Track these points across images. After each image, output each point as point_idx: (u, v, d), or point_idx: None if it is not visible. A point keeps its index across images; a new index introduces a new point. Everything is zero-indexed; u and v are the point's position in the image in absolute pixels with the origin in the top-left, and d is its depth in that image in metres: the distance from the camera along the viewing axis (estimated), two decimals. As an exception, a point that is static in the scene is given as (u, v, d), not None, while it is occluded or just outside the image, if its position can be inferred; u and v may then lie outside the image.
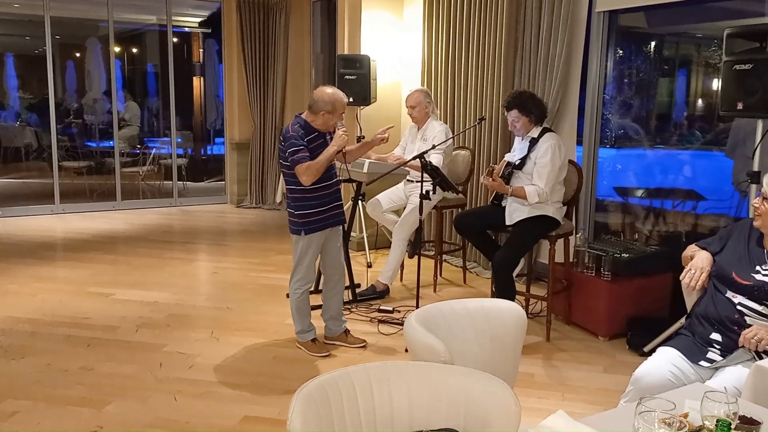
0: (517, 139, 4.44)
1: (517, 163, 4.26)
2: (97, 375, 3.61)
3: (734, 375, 2.37)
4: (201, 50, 11.45)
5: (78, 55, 11.29)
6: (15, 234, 6.95)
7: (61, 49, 10.62)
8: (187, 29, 11.17)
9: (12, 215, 7.70)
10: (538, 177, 4.13)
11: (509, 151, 4.61)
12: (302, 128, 3.73)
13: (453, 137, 5.12)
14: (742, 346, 2.40)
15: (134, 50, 12.05)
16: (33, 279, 5.36)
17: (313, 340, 4.00)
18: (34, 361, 3.78)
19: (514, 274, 4.29)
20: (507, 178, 4.27)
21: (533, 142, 4.22)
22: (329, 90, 3.78)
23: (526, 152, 4.24)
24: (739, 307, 2.49)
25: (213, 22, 10.25)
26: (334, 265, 4.05)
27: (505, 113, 4.33)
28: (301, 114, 3.83)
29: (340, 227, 4.05)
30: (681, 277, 2.72)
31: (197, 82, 11.37)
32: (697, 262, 2.67)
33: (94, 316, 4.51)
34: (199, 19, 10.88)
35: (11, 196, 8.58)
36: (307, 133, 3.72)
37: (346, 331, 4.16)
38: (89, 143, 10.50)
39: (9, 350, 3.93)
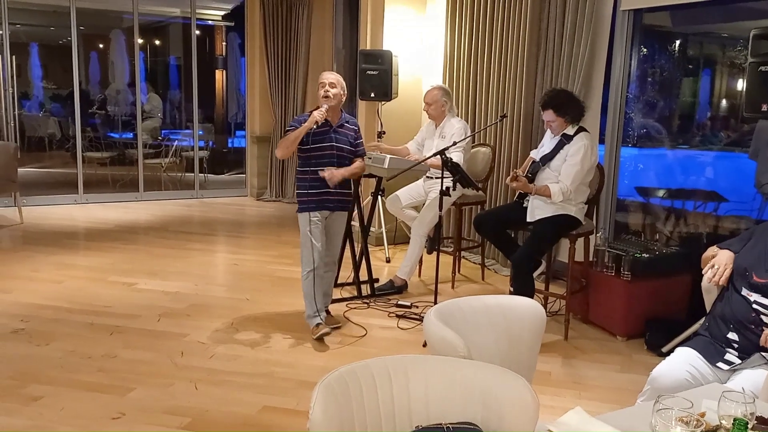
0: (547, 134, 4.40)
1: (544, 155, 4.24)
2: (119, 362, 3.68)
3: (751, 378, 2.36)
4: (224, 43, 11.53)
5: (102, 46, 11.41)
6: (38, 222, 7.06)
7: (85, 40, 10.74)
8: (210, 22, 11.26)
9: (36, 204, 7.82)
10: (565, 175, 4.11)
11: (534, 149, 4.59)
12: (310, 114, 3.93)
13: (473, 134, 5.12)
14: (763, 347, 2.39)
15: (157, 42, 12.16)
16: (56, 267, 5.45)
17: (318, 325, 4.03)
18: (58, 347, 3.86)
19: (535, 275, 4.28)
20: (533, 175, 4.26)
21: (566, 138, 4.18)
22: None
23: (554, 147, 4.21)
24: (755, 306, 2.49)
25: (236, 16, 10.33)
26: (328, 247, 4.16)
27: (541, 112, 4.26)
28: None
29: (346, 214, 4.20)
30: (704, 271, 2.71)
31: (219, 75, 11.46)
32: (721, 259, 2.66)
33: (116, 305, 4.59)
34: (222, 13, 10.95)
35: (35, 185, 8.70)
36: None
37: (327, 311, 4.31)
38: (112, 134, 10.62)
39: (33, 336, 4.01)
